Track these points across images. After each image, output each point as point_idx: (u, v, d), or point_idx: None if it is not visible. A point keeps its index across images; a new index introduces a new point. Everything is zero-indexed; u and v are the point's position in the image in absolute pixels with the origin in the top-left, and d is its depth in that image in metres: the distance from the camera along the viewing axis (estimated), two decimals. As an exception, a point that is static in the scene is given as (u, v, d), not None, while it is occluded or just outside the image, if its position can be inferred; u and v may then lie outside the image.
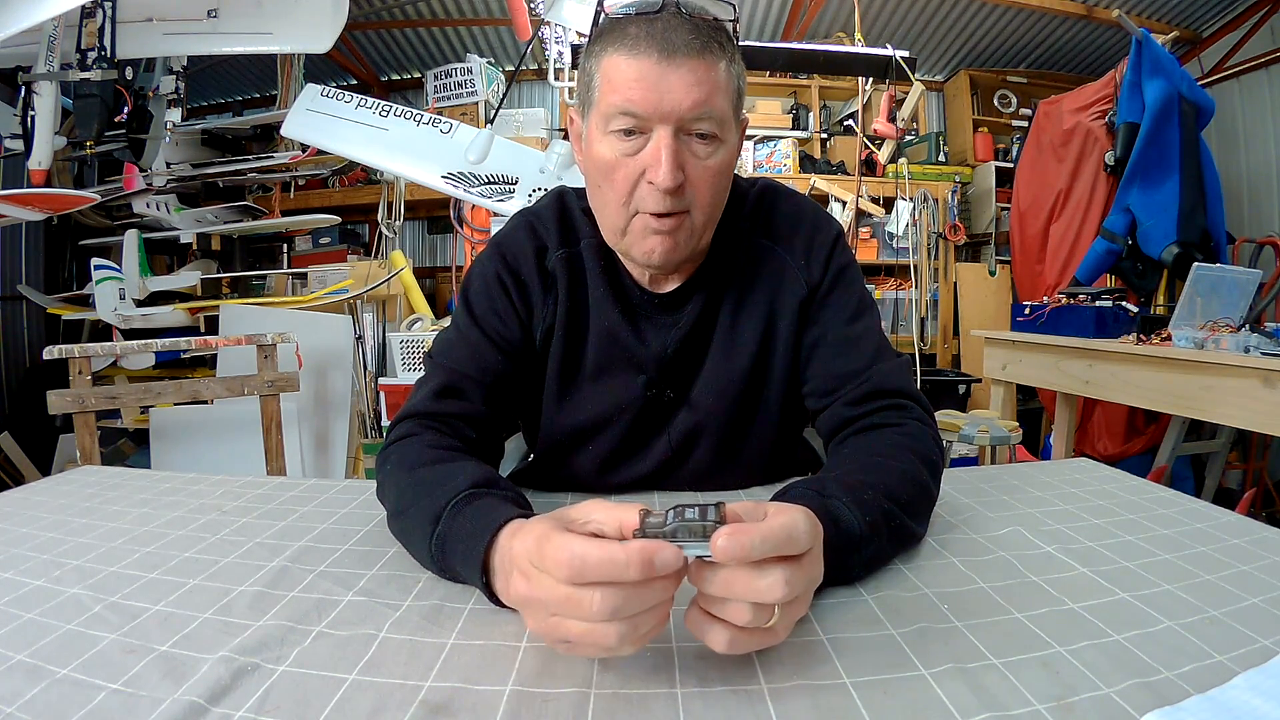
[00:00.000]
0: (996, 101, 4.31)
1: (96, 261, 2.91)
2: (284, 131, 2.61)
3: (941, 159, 4.12)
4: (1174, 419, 2.48)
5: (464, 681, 0.41)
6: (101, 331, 3.16)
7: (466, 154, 2.52)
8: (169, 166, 3.14)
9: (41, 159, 2.43)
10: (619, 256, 0.77)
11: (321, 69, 4.20)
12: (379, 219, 3.61)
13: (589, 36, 0.72)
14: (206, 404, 2.53)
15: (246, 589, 0.54)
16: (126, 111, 2.58)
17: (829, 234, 0.79)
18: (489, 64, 3.87)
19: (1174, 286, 2.66)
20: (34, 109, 2.41)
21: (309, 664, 0.43)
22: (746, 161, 3.86)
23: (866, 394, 0.71)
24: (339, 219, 3.49)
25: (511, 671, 0.42)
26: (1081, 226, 2.99)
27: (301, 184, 3.89)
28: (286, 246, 3.91)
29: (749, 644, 0.40)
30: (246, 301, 3.02)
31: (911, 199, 3.73)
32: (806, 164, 3.93)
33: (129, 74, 2.54)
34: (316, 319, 2.84)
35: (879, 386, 0.71)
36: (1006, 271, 3.86)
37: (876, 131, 3.21)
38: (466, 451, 0.68)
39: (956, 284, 3.92)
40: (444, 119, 2.58)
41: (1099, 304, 2.23)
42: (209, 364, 3.03)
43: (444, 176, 2.49)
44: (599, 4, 0.76)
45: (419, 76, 4.27)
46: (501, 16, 3.79)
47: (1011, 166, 3.62)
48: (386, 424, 2.44)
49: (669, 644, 0.45)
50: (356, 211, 3.90)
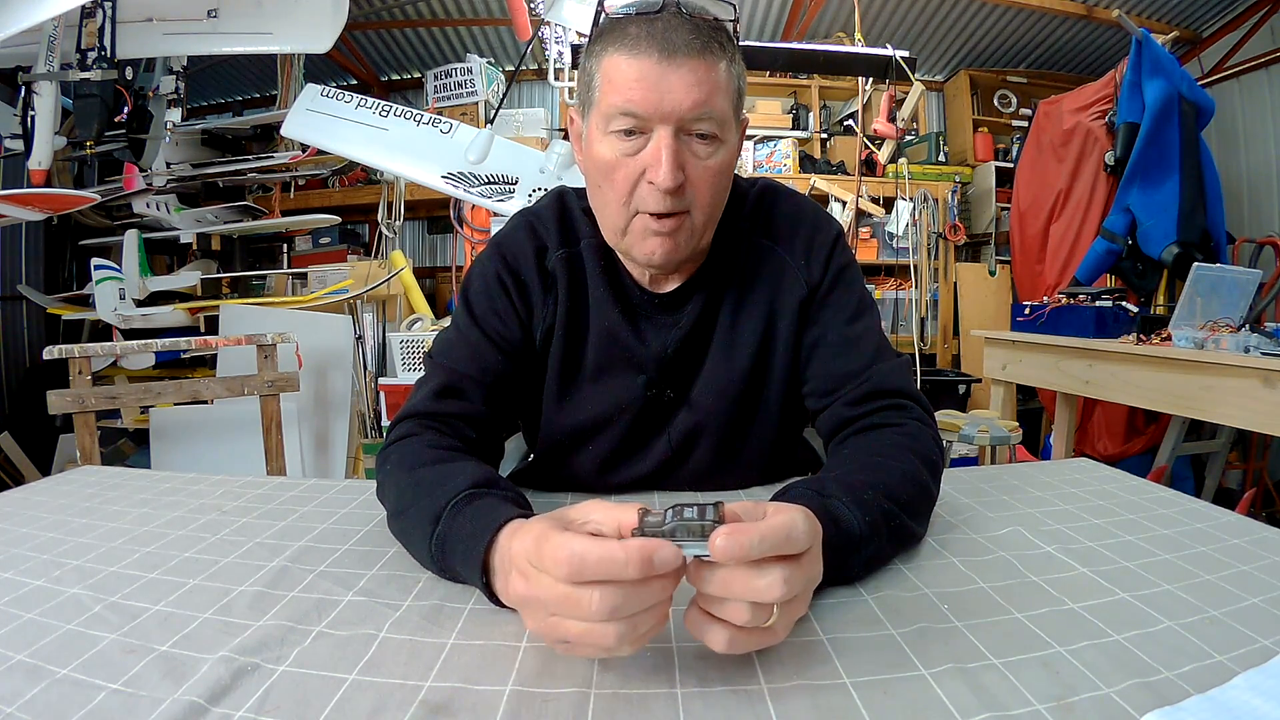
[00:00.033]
0: (996, 101, 4.31)
1: (96, 261, 2.91)
2: (284, 131, 2.61)
3: (941, 159, 4.12)
4: (1174, 419, 2.48)
5: (464, 681, 0.41)
6: (101, 331, 3.16)
7: (466, 154, 2.52)
8: (169, 166, 3.14)
9: (41, 159, 2.44)
10: (619, 256, 0.77)
11: (321, 69, 4.20)
12: (379, 219, 3.61)
13: (589, 36, 0.72)
14: (206, 404, 2.53)
15: (246, 589, 0.54)
16: (126, 111, 2.58)
17: (829, 234, 0.79)
18: (489, 64, 3.87)
19: (1174, 286, 2.66)
20: (34, 109, 2.41)
21: (309, 664, 0.43)
22: (746, 161, 3.85)
23: (866, 394, 0.71)
24: (339, 219, 3.50)
25: (511, 671, 0.42)
26: (1081, 226, 2.98)
27: (301, 184, 3.89)
28: (286, 246, 3.91)
29: (748, 644, 0.40)
30: (246, 301, 3.02)
31: (911, 199, 3.73)
32: (806, 164, 3.92)
33: (129, 74, 2.54)
34: (316, 319, 2.84)
35: (879, 386, 0.71)
36: (1006, 271, 3.86)
37: (876, 131, 3.21)
38: (466, 452, 0.68)
39: (956, 284, 3.92)
40: (444, 119, 2.58)
41: (1099, 304, 2.23)
42: (209, 364, 3.03)
43: (444, 176, 2.49)
44: (599, 4, 0.76)
45: (419, 76, 4.27)
46: (501, 16, 3.79)
47: (1011, 166, 3.62)
48: (386, 424, 2.43)
49: (669, 644, 0.45)
50: (356, 211, 3.90)
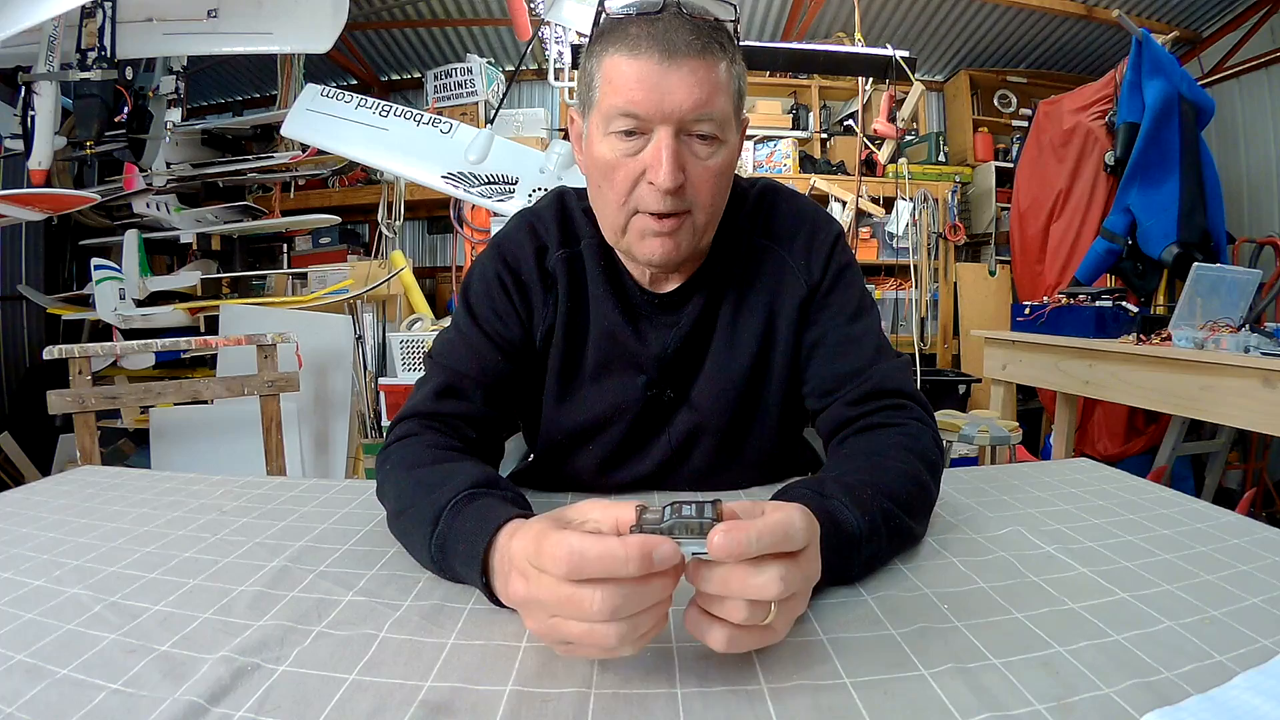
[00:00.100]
0: (996, 101, 4.31)
1: (96, 261, 2.91)
2: (284, 131, 2.61)
3: (941, 159, 4.12)
4: (1174, 419, 2.48)
5: (464, 681, 0.41)
6: (101, 331, 3.16)
7: (466, 154, 2.52)
8: (169, 166, 3.14)
9: (41, 159, 2.44)
10: (619, 256, 0.77)
11: (321, 69, 4.20)
12: (379, 219, 3.61)
13: (590, 37, 0.72)
14: (206, 404, 2.53)
15: (246, 589, 0.54)
16: (126, 111, 2.58)
17: (829, 234, 0.79)
18: (489, 64, 3.87)
19: (1174, 286, 2.66)
20: (34, 109, 2.41)
21: (309, 664, 0.43)
22: (746, 161, 3.86)
23: (866, 394, 0.71)
24: (339, 219, 3.50)
25: (511, 671, 0.42)
26: (1081, 226, 2.98)
27: (301, 184, 3.89)
28: (286, 246, 3.91)
29: (748, 642, 0.40)
30: (246, 301, 3.02)
31: (911, 199, 3.73)
32: (806, 164, 3.93)
33: (129, 74, 2.55)
34: (316, 319, 2.84)
35: (879, 386, 0.71)
36: (1006, 271, 3.86)
37: (876, 131, 3.21)
38: (466, 452, 0.68)
39: (956, 284, 3.92)
40: (444, 119, 2.58)
41: (1099, 304, 2.23)
42: (209, 364, 3.03)
43: (444, 176, 2.49)
44: (600, 4, 0.76)
45: (419, 76, 4.27)
46: (501, 16, 3.79)
47: (1011, 166, 3.62)
48: (386, 424, 2.43)
49: (669, 644, 0.45)
50: (356, 211, 3.90)
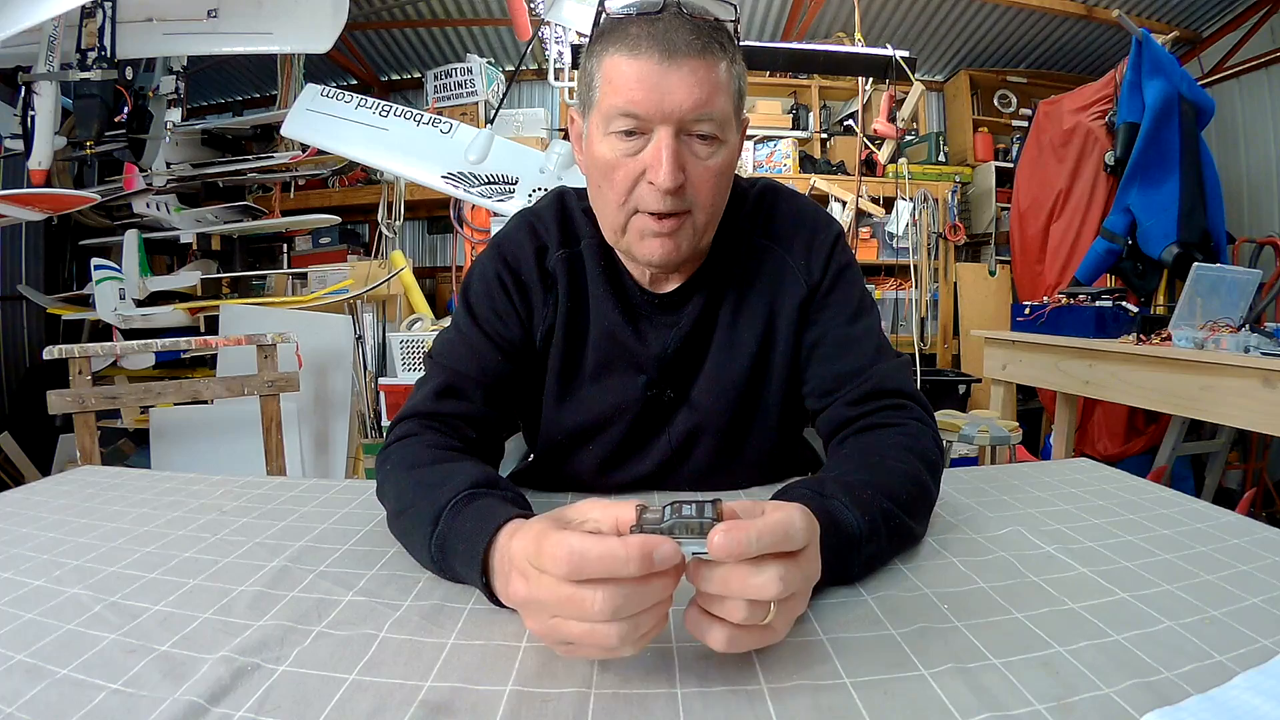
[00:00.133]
0: (996, 101, 4.31)
1: (96, 261, 2.91)
2: (284, 131, 2.61)
3: (941, 159, 4.12)
4: (1174, 419, 2.48)
5: (464, 681, 0.41)
6: (101, 331, 3.16)
7: (466, 154, 2.52)
8: (169, 166, 3.14)
9: (41, 159, 2.44)
10: (619, 256, 0.77)
11: (321, 69, 4.20)
12: (379, 219, 3.61)
13: (590, 36, 0.72)
14: (206, 404, 2.53)
15: (246, 589, 0.54)
16: (126, 111, 2.58)
17: (829, 234, 0.79)
18: (489, 64, 3.87)
19: (1174, 286, 2.66)
20: (34, 109, 2.41)
21: (309, 664, 0.43)
22: (746, 161, 3.86)
23: (866, 394, 0.71)
24: (339, 219, 3.50)
25: (511, 671, 0.42)
26: (1081, 226, 2.98)
27: (301, 184, 3.89)
28: (286, 246, 3.91)
29: (748, 642, 0.40)
30: (246, 301, 3.02)
31: (911, 199, 3.73)
32: (806, 164, 3.93)
33: (129, 74, 2.55)
34: (316, 319, 2.84)
35: (879, 386, 0.71)
36: (1006, 271, 3.86)
37: (876, 131, 3.21)
38: (466, 452, 0.68)
39: (956, 284, 3.92)
40: (444, 119, 2.58)
41: (1099, 304, 2.22)
42: (209, 364, 3.03)
43: (444, 176, 2.49)
44: (600, 4, 0.76)
45: (419, 76, 4.27)
46: (501, 16, 3.79)
47: (1011, 166, 3.62)
48: (386, 424, 2.43)
49: (669, 644, 0.45)
50: (356, 211, 3.90)
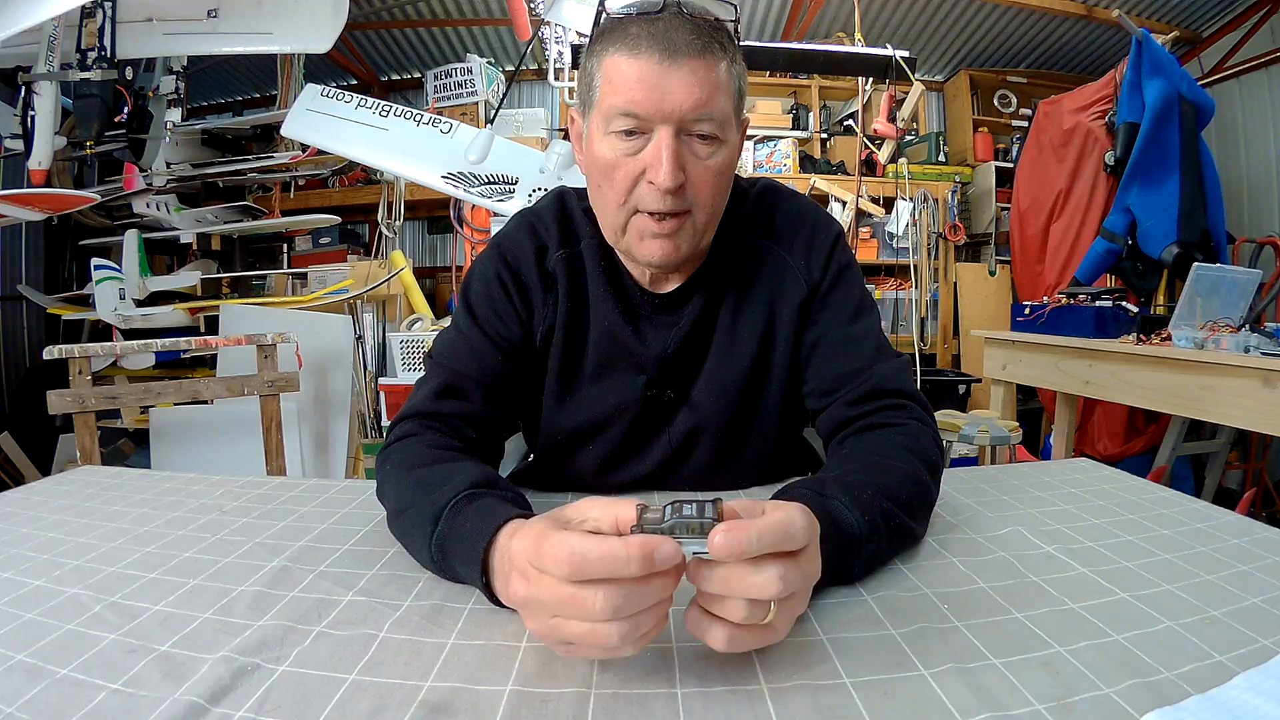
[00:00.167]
0: (996, 101, 4.31)
1: (96, 261, 2.91)
2: (284, 131, 2.61)
3: (941, 159, 4.12)
4: (1174, 419, 2.48)
5: (464, 681, 0.41)
6: (101, 331, 3.16)
7: (466, 154, 2.52)
8: (169, 166, 3.14)
9: (41, 159, 2.44)
10: (619, 256, 0.77)
11: (321, 69, 4.20)
12: (379, 219, 3.61)
13: (590, 36, 0.72)
14: (206, 404, 2.53)
15: (246, 589, 0.54)
16: (126, 111, 2.58)
17: (829, 234, 0.79)
18: (489, 64, 3.87)
19: (1174, 286, 2.66)
20: (34, 109, 2.41)
21: (309, 664, 0.43)
22: (746, 161, 3.86)
23: (866, 394, 0.71)
24: (339, 219, 3.50)
25: (511, 671, 0.42)
26: (1081, 226, 2.98)
27: (301, 184, 3.89)
28: (286, 246, 3.91)
29: (748, 642, 0.40)
30: (246, 301, 3.02)
31: (911, 199, 3.73)
32: (806, 164, 3.93)
33: (129, 74, 2.55)
34: (316, 319, 2.84)
35: (879, 386, 0.71)
36: (1006, 271, 3.86)
37: (876, 131, 3.21)
38: (466, 452, 0.68)
39: (956, 284, 3.92)
40: (444, 119, 2.58)
41: (1099, 304, 2.22)
42: (209, 364, 3.03)
43: (444, 176, 2.49)
44: (600, 4, 0.76)
45: (419, 76, 4.27)
46: (501, 16, 3.79)
47: (1011, 166, 3.62)
48: (386, 424, 2.43)
49: (669, 644, 0.45)
50: (356, 211, 3.90)
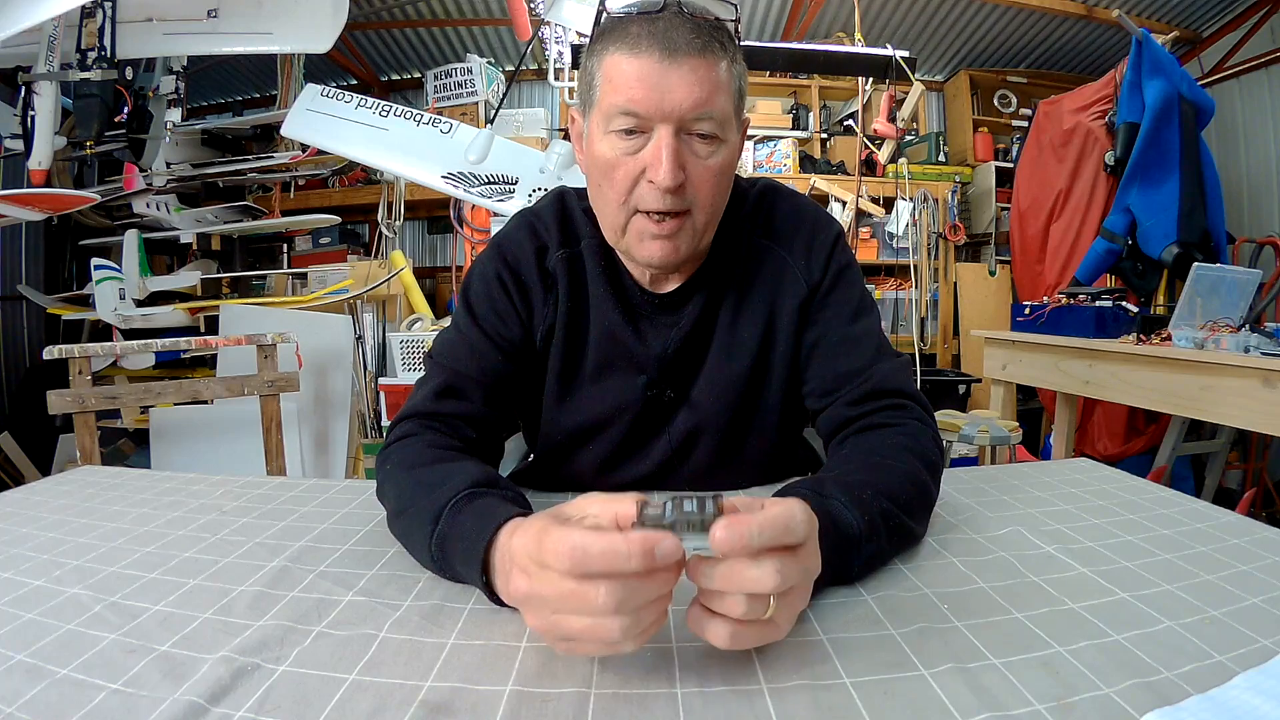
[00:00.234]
0: (996, 101, 4.31)
1: (96, 261, 2.91)
2: (284, 131, 2.61)
3: (941, 159, 4.12)
4: (1174, 419, 2.48)
5: (464, 681, 0.41)
6: (101, 331, 3.16)
7: (466, 154, 2.52)
8: (169, 166, 3.14)
9: (41, 159, 2.44)
10: (620, 256, 0.77)
11: (321, 69, 4.20)
12: (379, 219, 3.61)
13: (590, 36, 0.72)
14: (206, 404, 2.53)
15: (246, 589, 0.54)
16: (126, 111, 2.58)
17: (829, 234, 0.79)
18: (489, 64, 3.87)
19: (1174, 286, 2.66)
20: (34, 109, 2.41)
21: (309, 664, 0.43)
22: (746, 161, 3.85)
23: (866, 394, 0.71)
24: (339, 219, 3.49)
25: (511, 671, 0.42)
26: (1081, 226, 2.98)
27: (301, 184, 3.89)
28: (286, 246, 3.91)
29: (750, 638, 0.40)
30: (246, 301, 3.02)
31: (911, 199, 3.73)
32: (806, 164, 3.92)
33: (129, 74, 2.55)
34: (316, 319, 2.84)
35: (879, 386, 0.71)
36: (1006, 271, 3.86)
37: (876, 131, 3.21)
38: (466, 451, 0.68)
39: (956, 284, 3.92)
40: (444, 119, 2.58)
41: (1099, 304, 2.22)
42: (209, 364, 3.03)
43: (444, 176, 2.49)
44: (600, 3, 0.76)
45: (419, 76, 4.27)
46: (501, 16, 3.78)
47: (1011, 166, 3.62)
48: (386, 424, 2.43)
49: (669, 643, 0.45)
50: (356, 211, 3.90)
